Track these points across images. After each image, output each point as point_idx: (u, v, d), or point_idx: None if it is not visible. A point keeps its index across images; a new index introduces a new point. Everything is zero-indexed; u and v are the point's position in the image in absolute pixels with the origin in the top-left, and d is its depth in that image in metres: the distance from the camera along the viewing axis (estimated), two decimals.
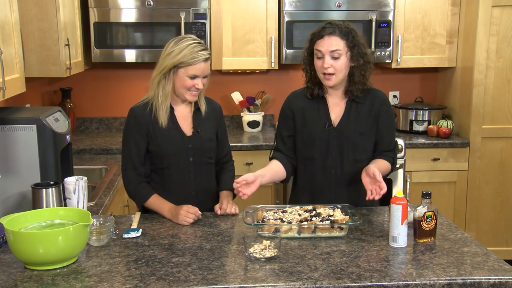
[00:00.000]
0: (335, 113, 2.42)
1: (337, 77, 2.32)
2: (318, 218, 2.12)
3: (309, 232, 2.07)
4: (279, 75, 4.44)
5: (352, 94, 2.39)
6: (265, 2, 3.98)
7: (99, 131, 4.37)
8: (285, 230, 2.07)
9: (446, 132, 4.00)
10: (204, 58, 2.30)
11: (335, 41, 2.29)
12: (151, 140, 2.38)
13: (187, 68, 2.29)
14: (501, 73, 3.91)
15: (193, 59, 2.28)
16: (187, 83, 2.31)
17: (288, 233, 2.07)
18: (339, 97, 2.43)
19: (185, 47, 2.28)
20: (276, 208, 2.25)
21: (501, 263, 1.86)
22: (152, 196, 2.38)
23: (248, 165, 3.83)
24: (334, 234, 2.08)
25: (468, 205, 4.03)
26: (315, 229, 2.07)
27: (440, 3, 4.05)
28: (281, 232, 2.06)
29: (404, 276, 1.76)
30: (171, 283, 1.71)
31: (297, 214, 2.18)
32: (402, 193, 2.01)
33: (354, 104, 2.41)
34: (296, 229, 2.07)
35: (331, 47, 2.29)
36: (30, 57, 3.12)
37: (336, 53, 2.29)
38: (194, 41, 2.31)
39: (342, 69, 2.32)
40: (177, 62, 2.28)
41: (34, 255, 1.78)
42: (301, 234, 2.07)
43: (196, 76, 2.31)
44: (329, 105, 2.43)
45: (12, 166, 2.34)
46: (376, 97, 2.43)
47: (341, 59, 2.30)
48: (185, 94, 2.34)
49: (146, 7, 3.88)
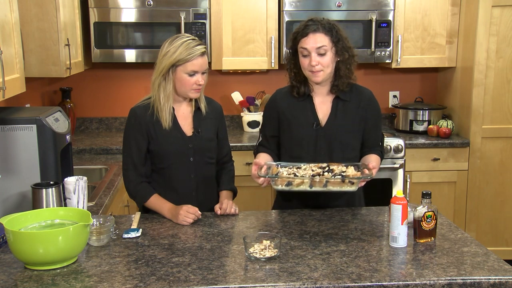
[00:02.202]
0: (322, 112, 2.41)
1: (324, 73, 2.32)
2: (331, 174, 2.14)
3: (321, 186, 2.09)
4: (279, 75, 4.40)
5: (338, 89, 2.38)
6: (265, 2, 3.98)
7: (99, 131, 4.37)
8: (297, 183, 2.10)
9: (446, 132, 4.00)
10: (201, 52, 2.31)
11: (319, 38, 2.29)
12: (152, 140, 2.38)
13: (185, 65, 2.29)
14: (501, 73, 3.91)
15: (189, 55, 2.28)
16: (187, 80, 2.31)
17: (300, 187, 2.10)
18: (325, 95, 2.42)
19: (180, 45, 2.29)
20: (291, 165, 2.26)
21: (501, 263, 1.86)
22: (152, 196, 2.38)
23: (248, 165, 3.82)
24: (345, 188, 2.10)
25: (468, 205, 4.03)
26: (326, 183, 2.09)
27: (440, 3, 4.05)
28: (293, 185, 2.09)
29: (404, 276, 1.77)
30: (171, 283, 1.71)
31: (311, 170, 2.19)
32: (402, 193, 2.01)
33: (340, 102, 2.40)
34: (308, 182, 2.10)
35: (316, 44, 2.29)
36: (30, 57, 3.12)
37: (322, 49, 2.29)
38: (188, 38, 2.32)
39: (329, 64, 2.32)
40: (174, 61, 2.29)
41: (34, 255, 1.78)
42: (313, 187, 2.10)
43: (195, 71, 2.31)
44: (316, 104, 2.42)
45: (12, 166, 2.34)
46: (362, 94, 2.43)
47: (327, 55, 2.30)
48: (188, 92, 2.35)
49: (146, 7, 3.88)
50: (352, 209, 2.43)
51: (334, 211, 2.41)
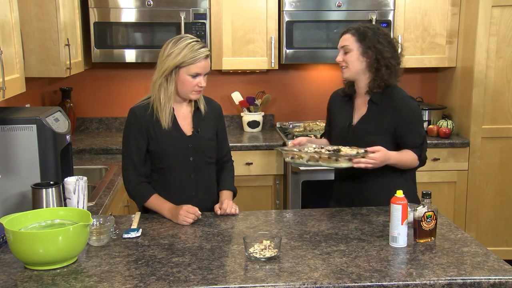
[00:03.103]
0: (359, 113, 2.57)
1: (349, 70, 2.50)
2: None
3: (313, 161, 2.36)
4: (279, 75, 4.44)
5: (370, 91, 2.51)
6: (265, 2, 3.98)
7: (99, 131, 4.37)
8: (297, 157, 2.40)
9: (446, 132, 4.00)
10: (205, 55, 2.31)
11: (346, 38, 2.51)
12: (152, 140, 2.38)
13: (189, 67, 2.30)
14: (501, 73, 3.91)
15: (194, 58, 2.28)
16: (190, 82, 2.32)
17: (299, 160, 2.39)
18: (364, 97, 2.55)
19: (185, 47, 2.29)
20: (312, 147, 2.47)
21: (501, 263, 1.86)
22: (152, 196, 2.38)
23: (248, 165, 3.83)
24: (333, 164, 2.34)
25: (468, 205, 4.03)
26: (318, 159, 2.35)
27: (440, 3, 4.05)
28: (295, 159, 2.40)
29: (404, 276, 1.77)
30: (171, 283, 1.71)
31: (319, 149, 2.41)
32: (402, 193, 2.01)
33: (374, 104, 2.51)
34: (305, 157, 2.37)
35: (342, 43, 2.51)
36: (30, 57, 3.12)
37: (345, 48, 2.49)
38: (192, 40, 2.31)
39: (353, 62, 2.48)
40: (179, 63, 2.29)
41: (34, 255, 1.78)
42: (308, 161, 2.37)
43: (198, 74, 2.32)
44: (355, 105, 2.59)
45: (12, 166, 2.34)
46: (393, 97, 2.50)
47: (351, 54, 2.47)
48: (189, 93, 2.35)
49: (146, 7, 3.88)
50: (352, 209, 2.43)
51: (334, 211, 2.41)
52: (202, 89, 2.37)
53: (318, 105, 4.48)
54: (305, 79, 4.47)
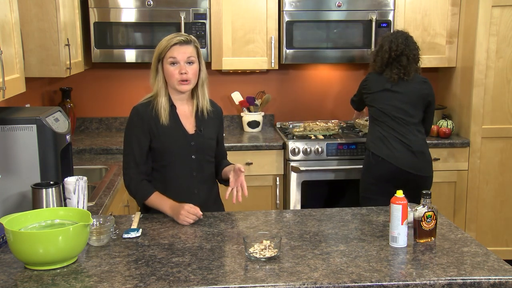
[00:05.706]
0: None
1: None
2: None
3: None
4: (279, 75, 4.44)
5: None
6: (265, 2, 3.98)
7: (99, 131, 4.37)
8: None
9: (446, 132, 4.00)
10: (178, 40, 2.34)
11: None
12: (154, 138, 2.39)
13: (166, 55, 2.34)
14: (501, 73, 3.91)
15: (168, 45, 2.34)
16: (171, 71, 2.35)
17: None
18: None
19: (164, 39, 2.37)
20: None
21: (501, 263, 1.86)
22: (153, 193, 2.38)
23: (248, 165, 3.83)
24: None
25: (468, 205, 4.03)
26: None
27: (440, 3, 4.05)
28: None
29: (404, 276, 1.77)
30: (171, 283, 1.71)
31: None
32: (402, 193, 2.01)
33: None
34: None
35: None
36: (30, 57, 3.12)
37: None
38: (177, 35, 2.38)
39: None
40: (157, 54, 2.36)
41: (34, 255, 1.78)
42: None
43: (175, 59, 2.33)
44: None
45: (12, 166, 2.34)
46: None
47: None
48: (175, 84, 2.36)
49: (146, 7, 3.88)
50: (352, 209, 2.43)
51: (334, 211, 2.41)
52: (187, 79, 2.35)
53: (318, 105, 4.49)
54: (305, 79, 4.47)
